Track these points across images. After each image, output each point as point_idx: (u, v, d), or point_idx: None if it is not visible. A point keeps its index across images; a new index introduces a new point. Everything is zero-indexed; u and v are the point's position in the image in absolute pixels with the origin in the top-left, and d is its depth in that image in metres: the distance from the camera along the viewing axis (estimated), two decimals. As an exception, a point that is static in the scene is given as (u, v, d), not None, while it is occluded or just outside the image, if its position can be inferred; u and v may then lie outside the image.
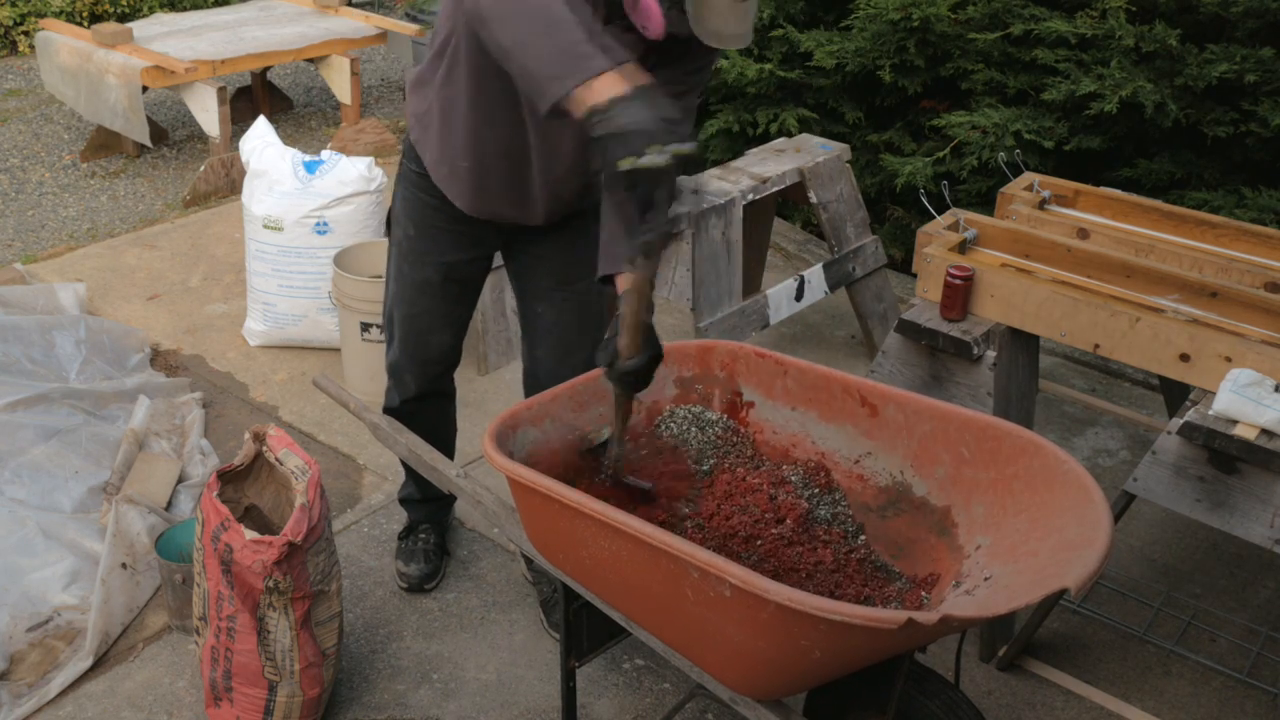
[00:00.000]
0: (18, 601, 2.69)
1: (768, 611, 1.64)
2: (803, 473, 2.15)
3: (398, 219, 2.53)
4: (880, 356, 2.72)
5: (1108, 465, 3.51)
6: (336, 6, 6.18)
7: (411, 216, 2.49)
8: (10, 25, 7.22)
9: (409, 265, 2.53)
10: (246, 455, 2.45)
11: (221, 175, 5.22)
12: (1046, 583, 1.65)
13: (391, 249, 2.57)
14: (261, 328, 3.94)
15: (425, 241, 2.50)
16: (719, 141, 5.09)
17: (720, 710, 2.56)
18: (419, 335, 2.59)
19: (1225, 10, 3.88)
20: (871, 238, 3.89)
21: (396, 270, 2.55)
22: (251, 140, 3.90)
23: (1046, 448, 1.92)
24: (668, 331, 4.23)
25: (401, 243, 2.52)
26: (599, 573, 1.97)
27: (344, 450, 3.46)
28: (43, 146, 5.83)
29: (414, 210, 2.48)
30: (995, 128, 4.19)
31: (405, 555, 2.90)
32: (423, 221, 2.48)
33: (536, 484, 1.92)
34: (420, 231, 2.49)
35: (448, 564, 2.98)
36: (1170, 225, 2.87)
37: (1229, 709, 2.64)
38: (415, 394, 2.68)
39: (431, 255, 2.50)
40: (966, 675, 2.68)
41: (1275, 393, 2.23)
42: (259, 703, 2.37)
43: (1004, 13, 4.30)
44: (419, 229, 2.49)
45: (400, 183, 2.50)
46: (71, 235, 4.87)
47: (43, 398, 3.26)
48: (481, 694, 2.61)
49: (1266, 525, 2.26)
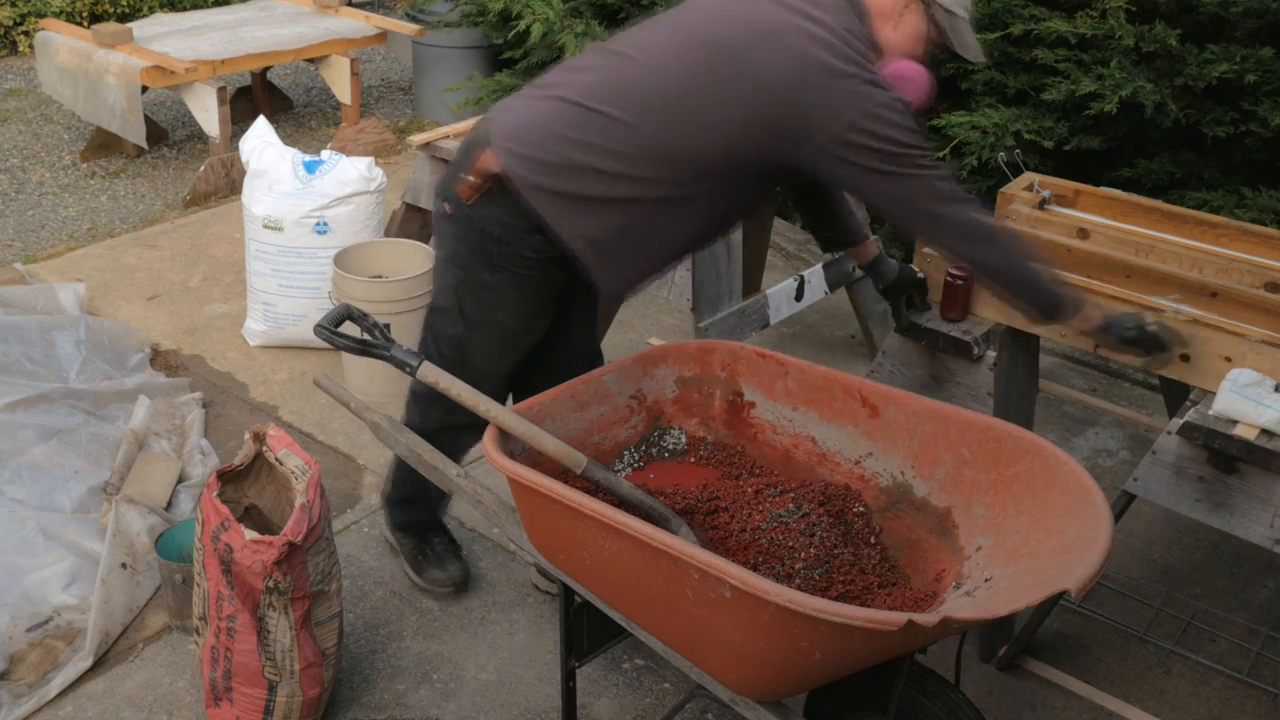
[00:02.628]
0: (18, 601, 2.69)
1: (768, 613, 1.65)
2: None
3: (492, 304, 2.40)
4: (880, 357, 2.72)
5: (1108, 465, 3.51)
6: (336, 6, 6.18)
7: (525, 296, 2.40)
8: (10, 25, 7.22)
9: (516, 337, 2.46)
10: (246, 455, 2.45)
11: (221, 175, 5.22)
12: (1047, 584, 1.65)
13: (484, 332, 2.44)
14: (261, 328, 3.94)
15: (537, 307, 2.44)
16: (719, 141, 5.08)
17: (720, 710, 2.56)
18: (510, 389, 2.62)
19: (1225, 10, 3.88)
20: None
21: (498, 350, 2.46)
22: (251, 140, 3.90)
23: (1047, 449, 1.92)
24: (668, 331, 4.23)
25: (507, 323, 2.43)
26: (599, 573, 1.98)
27: (344, 450, 3.46)
28: (43, 146, 5.83)
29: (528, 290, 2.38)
30: (995, 128, 4.18)
31: (436, 562, 2.85)
32: (539, 295, 2.42)
33: (537, 484, 1.92)
34: (533, 304, 2.43)
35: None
36: (1170, 225, 2.87)
37: (1229, 709, 2.64)
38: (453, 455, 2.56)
39: (540, 317, 2.47)
40: (967, 675, 2.68)
41: (1275, 393, 2.23)
42: (259, 703, 2.37)
43: (1004, 13, 4.30)
44: (532, 303, 2.42)
45: (496, 270, 2.35)
46: (71, 235, 4.87)
47: (43, 398, 3.25)
48: (481, 694, 2.61)
49: (1266, 525, 2.26)
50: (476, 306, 2.42)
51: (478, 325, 2.44)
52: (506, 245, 2.32)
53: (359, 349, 2.19)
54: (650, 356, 2.35)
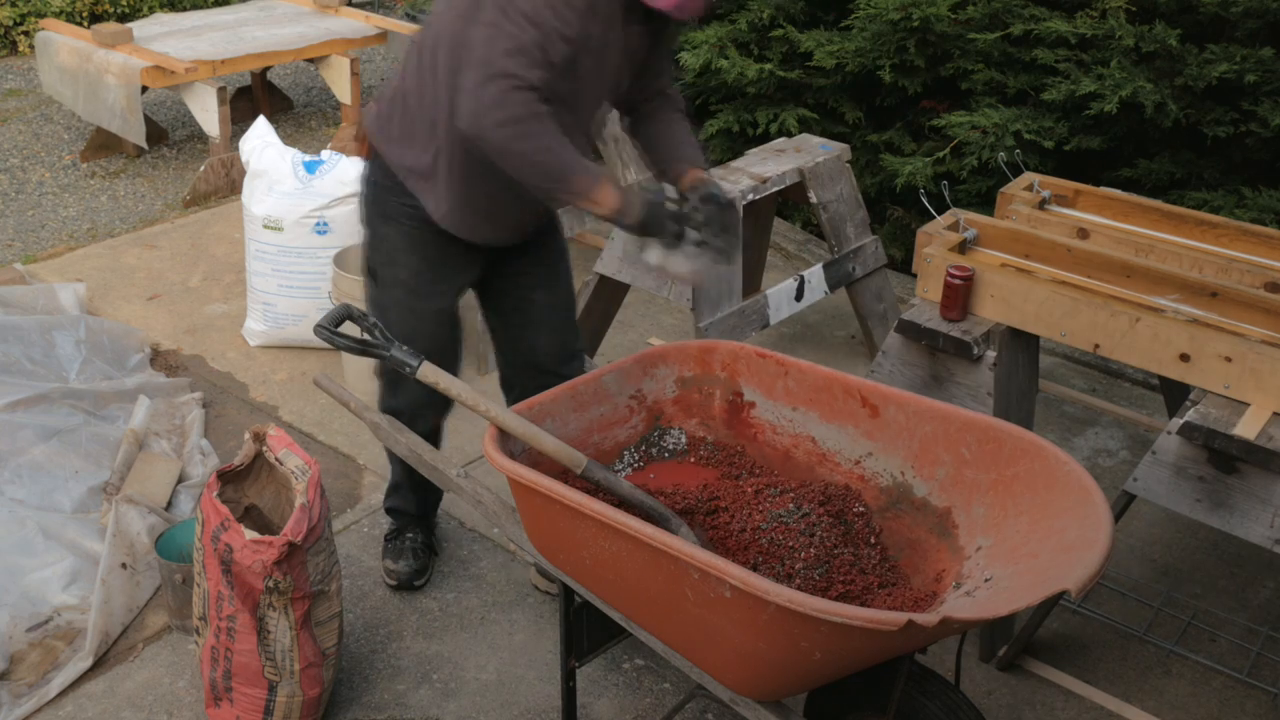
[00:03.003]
0: (18, 601, 2.69)
1: (768, 613, 1.65)
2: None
3: (391, 259, 2.51)
4: (880, 356, 2.72)
5: (1108, 465, 3.51)
6: (336, 6, 6.18)
7: (416, 251, 2.48)
8: (10, 25, 7.22)
9: (422, 301, 2.52)
10: (246, 455, 2.45)
11: (221, 175, 5.22)
12: (1047, 584, 1.65)
13: (389, 291, 2.54)
14: (261, 328, 3.94)
15: (438, 270, 2.51)
16: (719, 141, 5.09)
17: (720, 710, 2.56)
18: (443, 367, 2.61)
19: (1225, 10, 3.88)
20: (871, 238, 3.89)
21: (407, 309, 2.52)
22: (251, 140, 3.90)
23: (1047, 449, 1.92)
24: (668, 331, 4.23)
25: (408, 280, 2.51)
26: (599, 573, 1.98)
27: (344, 450, 3.46)
28: (43, 146, 5.83)
29: (417, 245, 2.48)
30: (995, 128, 4.18)
31: (393, 553, 2.91)
32: (432, 253, 2.49)
33: (537, 484, 1.92)
34: (430, 263, 2.49)
35: (435, 563, 2.98)
36: (1170, 225, 2.87)
37: (1229, 709, 2.64)
38: (432, 429, 2.69)
39: (445, 282, 2.53)
40: (967, 675, 2.68)
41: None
42: (259, 703, 2.37)
43: (1004, 13, 4.30)
44: (429, 261, 2.49)
45: (389, 222, 2.48)
46: (71, 235, 4.87)
47: (43, 398, 3.25)
48: (481, 694, 2.61)
49: (1266, 525, 2.26)
50: (380, 264, 2.53)
51: (384, 284, 2.54)
52: (389, 194, 2.46)
53: (359, 349, 2.20)
54: (650, 356, 2.35)
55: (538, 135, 2.12)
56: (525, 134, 2.11)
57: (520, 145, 2.12)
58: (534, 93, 2.11)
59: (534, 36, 2.11)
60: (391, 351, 2.18)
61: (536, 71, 2.11)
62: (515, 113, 2.10)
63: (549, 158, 2.14)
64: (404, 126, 2.41)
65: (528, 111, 2.10)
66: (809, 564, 1.97)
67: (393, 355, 2.18)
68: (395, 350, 2.18)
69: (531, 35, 2.11)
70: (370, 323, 2.22)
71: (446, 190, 2.39)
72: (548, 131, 2.13)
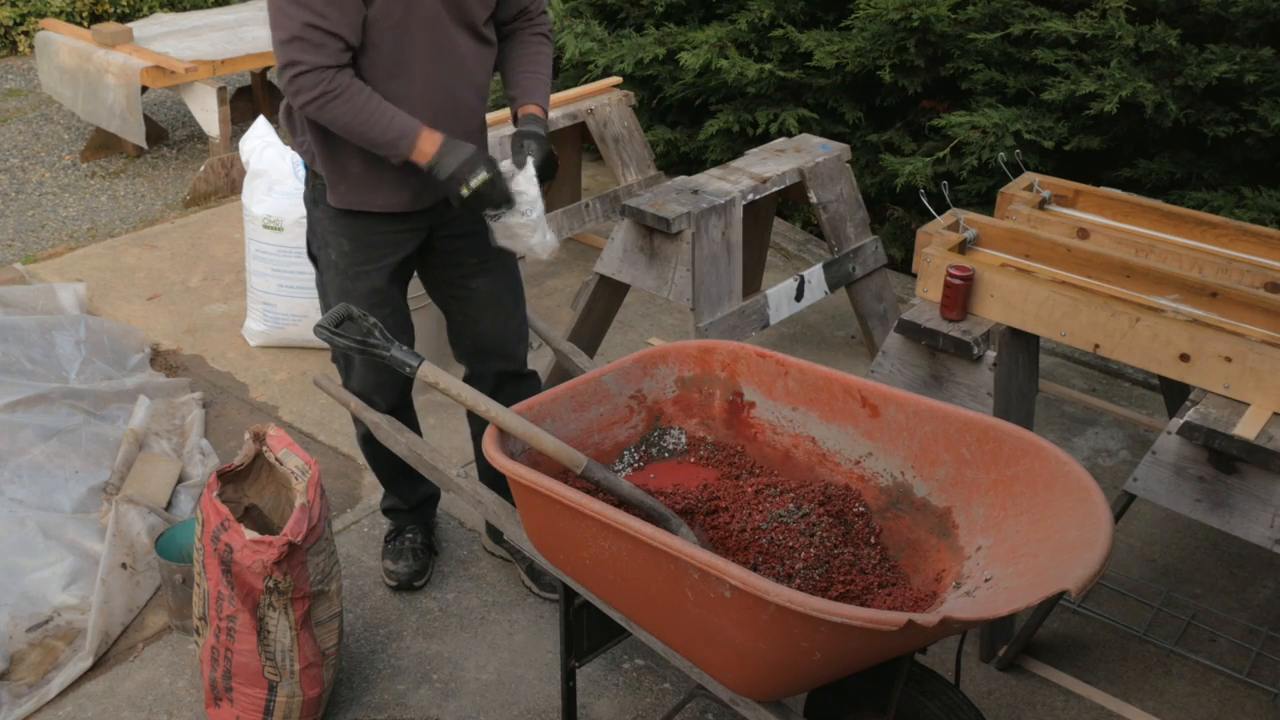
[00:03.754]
0: (18, 601, 2.69)
1: (768, 613, 1.65)
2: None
3: (323, 242, 2.55)
4: (880, 356, 2.72)
5: (1108, 465, 3.51)
6: (336, 6, 6.17)
7: (342, 233, 2.51)
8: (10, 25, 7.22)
9: (351, 280, 2.54)
10: (246, 455, 2.45)
11: (221, 175, 5.22)
12: (1047, 584, 1.65)
13: (325, 274, 2.58)
14: (261, 328, 3.94)
15: (365, 251, 2.52)
16: (719, 141, 5.09)
17: (720, 710, 2.56)
18: None
19: (1225, 10, 3.88)
20: (871, 238, 3.89)
21: (340, 291, 2.56)
22: (251, 140, 3.90)
23: (1047, 449, 1.92)
24: (668, 331, 4.23)
25: (338, 262, 2.54)
26: (599, 573, 1.98)
27: (344, 450, 3.46)
28: (43, 146, 5.83)
29: (342, 225, 2.50)
30: (995, 128, 4.19)
31: (392, 554, 2.92)
32: (355, 234, 2.50)
33: (537, 484, 1.92)
34: (355, 244, 2.51)
35: (435, 563, 2.98)
36: (1170, 225, 2.87)
37: (1229, 709, 2.64)
38: (387, 411, 2.69)
39: (373, 262, 2.53)
40: (967, 675, 2.68)
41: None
42: (259, 703, 2.37)
43: (1004, 13, 4.30)
44: (353, 242, 2.51)
45: (317, 206, 2.53)
46: (71, 235, 4.87)
47: (43, 398, 3.26)
48: (481, 694, 2.61)
49: (1266, 525, 2.26)
50: (316, 246, 2.59)
51: (323, 267, 2.59)
52: (315, 177, 2.51)
53: (359, 349, 2.20)
54: (650, 356, 2.35)
55: (343, 105, 2.25)
56: (330, 106, 2.25)
57: (331, 116, 2.27)
58: (326, 70, 2.23)
59: (304, 17, 2.20)
60: (391, 351, 2.18)
61: (322, 55, 2.22)
62: (311, 95, 2.24)
63: (360, 121, 2.27)
64: (293, 116, 2.47)
65: (323, 89, 2.23)
66: (809, 564, 1.97)
67: (392, 355, 2.18)
68: (395, 350, 2.18)
69: (302, 17, 2.20)
70: (370, 323, 2.23)
71: (323, 165, 2.44)
72: (353, 100, 2.26)
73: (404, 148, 2.30)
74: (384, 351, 2.19)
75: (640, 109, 5.37)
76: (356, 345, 2.20)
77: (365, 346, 2.20)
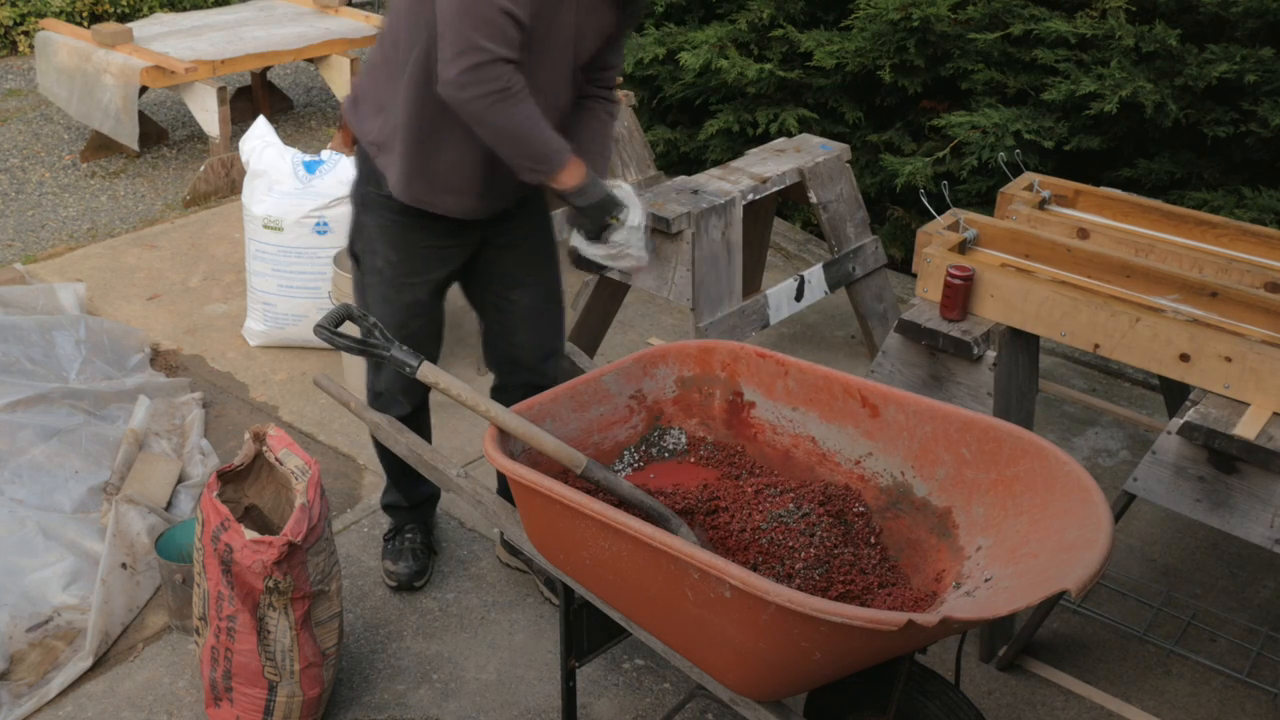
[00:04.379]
0: (18, 601, 2.69)
1: (768, 613, 1.65)
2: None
3: (370, 248, 2.53)
4: (880, 356, 2.72)
5: (1108, 465, 3.51)
6: (336, 6, 6.18)
7: (392, 244, 2.50)
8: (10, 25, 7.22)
9: (395, 290, 2.54)
10: (246, 455, 2.45)
11: (221, 175, 5.22)
12: (1047, 584, 1.65)
13: (369, 278, 2.56)
14: (261, 328, 3.94)
15: (411, 263, 2.52)
16: (719, 141, 5.09)
17: (720, 710, 2.56)
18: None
19: (1225, 10, 3.88)
20: (871, 238, 3.89)
21: (380, 298, 2.55)
22: (251, 140, 3.90)
23: (1047, 449, 1.92)
24: (668, 331, 4.23)
25: (384, 270, 2.53)
26: (599, 573, 1.98)
27: (344, 450, 3.46)
28: (43, 146, 5.83)
29: (393, 237, 2.49)
30: (995, 128, 4.18)
31: (392, 554, 2.91)
32: (406, 245, 2.50)
33: (537, 484, 1.92)
34: (404, 256, 2.51)
35: (435, 562, 2.98)
36: (1170, 225, 2.87)
37: (1229, 709, 2.64)
38: (410, 412, 2.71)
39: (419, 275, 2.53)
40: (967, 675, 2.68)
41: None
42: (259, 703, 2.37)
43: (1004, 13, 4.30)
44: (402, 253, 2.50)
45: (368, 212, 2.51)
46: (71, 235, 4.87)
47: (43, 398, 3.25)
48: (481, 694, 2.61)
49: (1266, 525, 2.26)
50: (362, 250, 2.57)
51: (365, 271, 2.58)
52: (367, 183, 2.48)
53: (359, 349, 2.20)
54: (650, 356, 2.35)
55: (512, 108, 2.18)
56: (500, 106, 2.17)
57: (495, 117, 2.18)
58: (507, 65, 2.16)
59: (501, 2, 2.13)
60: (391, 351, 2.18)
61: (507, 47, 2.15)
62: (491, 87, 2.15)
63: (523, 130, 2.20)
64: (373, 102, 2.43)
65: (501, 85, 2.15)
66: (809, 564, 1.97)
67: (393, 355, 2.18)
68: (395, 350, 2.18)
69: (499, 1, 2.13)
70: (370, 323, 2.23)
71: (401, 159, 2.39)
72: (522, 105, 2.19)
73: (556, 164, 2.26)
74: (384, 351, 2.19)
75: (640, 109, 5.37)
76: (356, 345, 2.20)
77: (365, 347, 2.20)
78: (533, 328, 2.67)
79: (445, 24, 2.16)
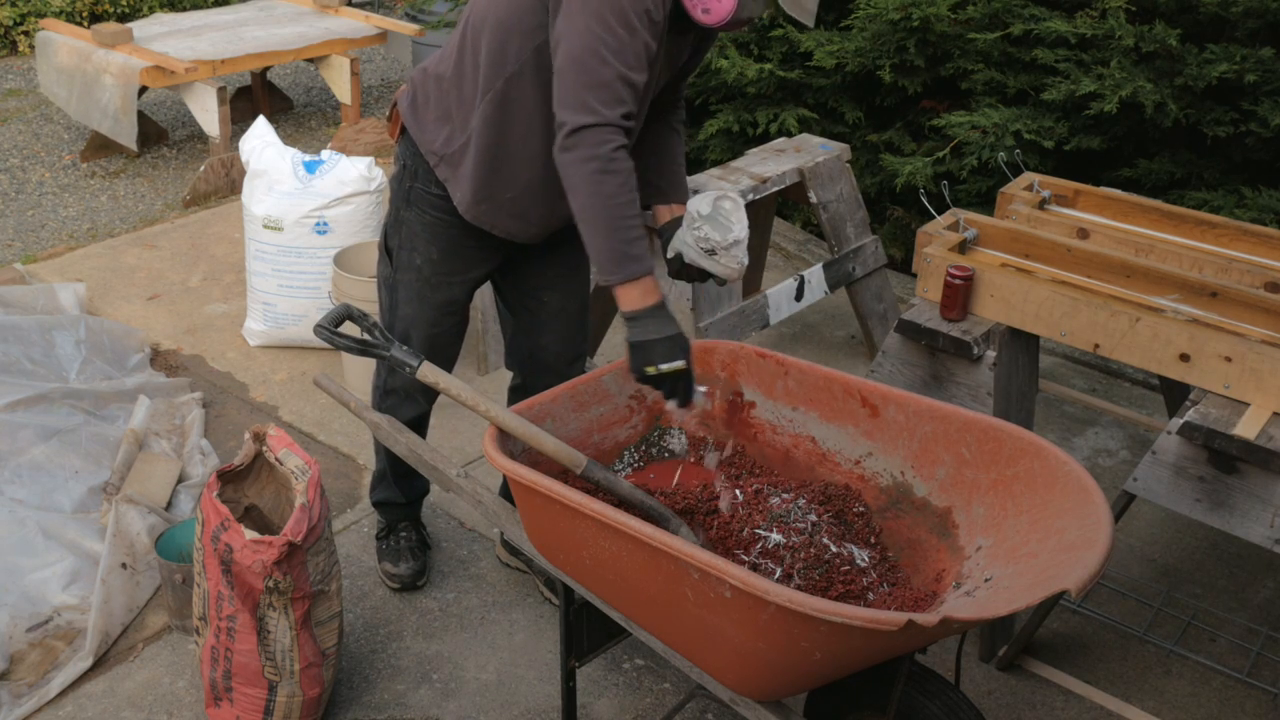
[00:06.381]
0: (18, 601, 2.69)
1: (768, 613, 1.65)
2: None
3: (412, 245, 2.52)
4: (880, 356, 2.72)
5: (1108, 465, 3.51)
6: (336, 6, 6.18)
7: (435, 242, 2.50)
8: (10, 25, 7.22)
9: (431, 289, 2.54)
10: (246, 455, 2.45)
11: (221, 175, 5.22)
12: (1047, 584, 1.65)
13: (404, 275, 2.55)
14: (261, 328, 3.94)
15: (453, 262, 2.52)
16: (719, 141, 5.09)
17: (720, 710, 2.56)
18: (440, 352, 2.62)
19: (1225, 10, 3.88)
20: (871, 238, 3.89)
21: (416, 295, 2.55)
22: (251, 140, 3.90)
23: (1047, 449, 1.92)
24: (668, 331, 4.22)
25: (423, 268, 2.52)
26: (599, 573, 1.98)
27: (344, 450, 3.46)
28: (43, 146, 5.83)
29: (437, 234, 2.49)
30: (995, 128, 4.18)
31: (391, 556, 2.90)
32: (449, 244, 2.50)
33: (537, 484, 1.92)
34: (446, 254, 2.51)
35: (431, 558, 2.98)
36: (1170, 225, 2.87)
37: (1229, 709, 2.64)
38: (425, 410, 2.72)
39: (459, 274, 2.54)
40: (967, 675, 2.68)
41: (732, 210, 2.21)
42: (259, 703, 2.37)
43: (1004, 13, 4.30)
44: (445, 252, 2.51)
45: (412, 207, 2.49)
46: (71, 235, 4.87)
47: (43, 398, 3.25)
48: (481, 694, 2.61)
49: (1266, 525, 2.26)
50: (398, 246, 2.54)
51: (400, 267, 2.56)
52: (415, 179, 2.47)
53: (359, 349, 2.20)
54: (650, 356, 2.35)
55: (612, 184, 2.06)
56: (601, 179, 2.06)
57: (592, 185, 2.06)
58: (615, 133, 2.07)
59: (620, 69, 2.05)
60: (391, 351, 2.18)
61: (620, 110, 2.07)
62: (592, 153, 2.05)
63: (614, 212, 2.06)
64: (438, 110, 2.40)
65: (608, 155, 2.05)
66: (809, 564, 1.97)
67: (393, 355, 2.18)
68: (395, 350, 2.18)
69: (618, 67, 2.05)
70: (370, 323, 2.23)
71: (472, 180, 2.37)
72: (626, 184, 2.07)
73: (625, 271, 2.07)
74: (384, 351, 2.19)
75: (640, 109, 5.36)
76: (356, 345, 2.20)
77: (365, 346, 2.20)
78: (561, 329, 2.68)
79: (561, 77, 2.10)
